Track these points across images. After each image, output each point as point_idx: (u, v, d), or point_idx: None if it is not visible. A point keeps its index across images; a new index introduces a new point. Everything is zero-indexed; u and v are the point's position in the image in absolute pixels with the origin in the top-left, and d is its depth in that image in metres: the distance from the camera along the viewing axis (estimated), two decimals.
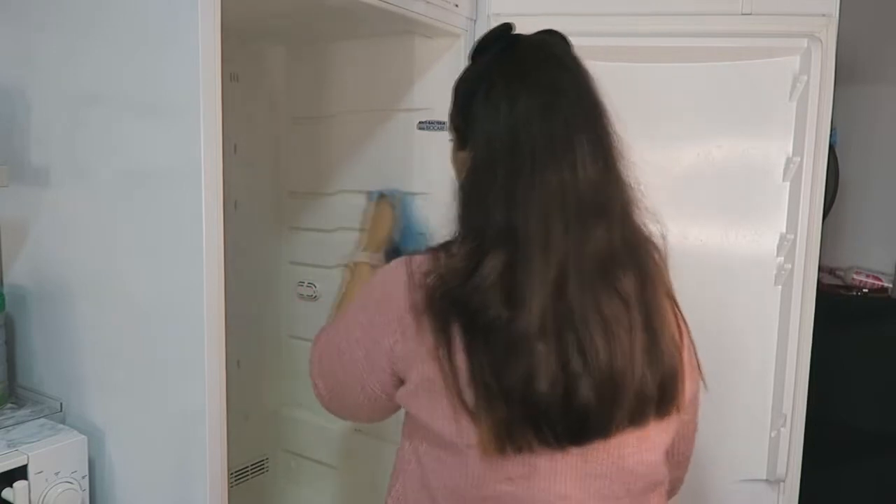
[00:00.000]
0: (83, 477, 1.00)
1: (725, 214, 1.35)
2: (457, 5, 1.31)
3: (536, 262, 0.78)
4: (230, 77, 1.51)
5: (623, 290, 0.81)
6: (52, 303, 1.10)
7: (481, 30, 1.35)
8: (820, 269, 1.38)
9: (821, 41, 1.27)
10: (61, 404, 1.08)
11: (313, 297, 1.66)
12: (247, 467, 1.69)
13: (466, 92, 0.91)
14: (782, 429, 1.33)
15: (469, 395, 0.78)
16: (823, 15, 1.29)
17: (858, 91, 2.04)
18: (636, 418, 0.82)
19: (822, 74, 1.27)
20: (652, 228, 0.89)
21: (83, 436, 1.01)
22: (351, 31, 1.45)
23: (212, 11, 0.86)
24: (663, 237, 0.89)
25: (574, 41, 1.33)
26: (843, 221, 2.09)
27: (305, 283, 1.67)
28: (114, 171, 0.99)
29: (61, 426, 1.04)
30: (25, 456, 0.94)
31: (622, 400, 0.79)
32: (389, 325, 0.84)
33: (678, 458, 1.00)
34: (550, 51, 0.91)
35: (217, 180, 0.89)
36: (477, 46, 0.93)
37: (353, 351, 0.89)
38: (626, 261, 0.83)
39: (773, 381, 1.34)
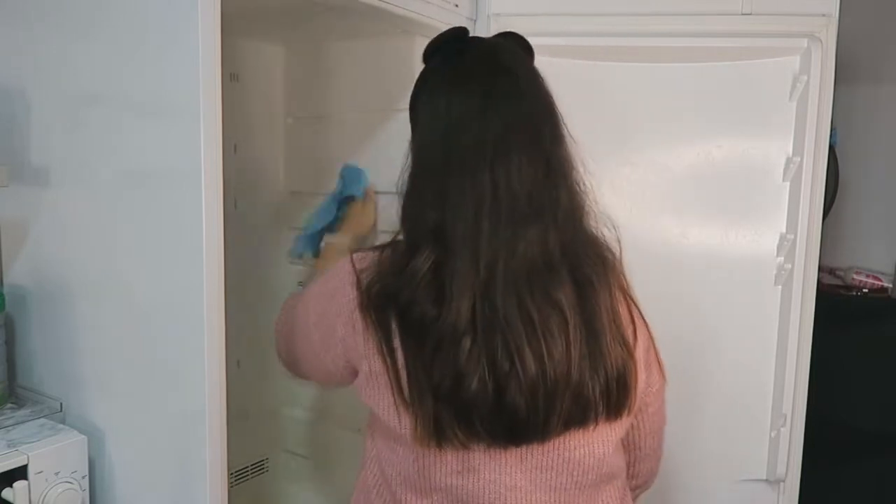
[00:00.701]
0: (83, 477, 1.00)
1: (725, 214, 1.35)
2: (457, 5, 1.31)
3: (464, 262, 0.80)
4: (230, 77, 1.51)
5: (556, 296, 0.81)
6: (52, 303, 1.10)
7: (481, 30, 1.35)
8: (820, 269, 1.38)
9: (821, 41, 1.27)
10: (61, 404, 1.08)
11: None
12: (247, 467, 1.69)
13: (414, 93, 0.94)
14: (782, 429, 1.33)
15: (405, 389, 0.81)
16: (823, 15, 1.29)
17: (858, 91, 2.04)
18: (576, 422, 0.83)
19: (822, 74, 1.27)
20: (606, 233, 0.89)
21: (83, 436, 1.01)
22: (351, 31, 1.45)
23: (212, 11, 0.86)
24: (618, 241, 0.90)
25: (573, 41, 1.34)
26: (843, 221, 2.09)
27: (305, 283, 1.67)
28: (114, 171, 0.99)
29: (61, 426, 1.04)
30: (25, 456, 0.94)
31: (555, 405, 0.80)
32: (340, 317, 0.86)
33: (646, 451, 1.00)
34: (498, 54, 0.92)
35: (217, 180, 0.89)
36: (428, 48, 0.94)
37: (310, 332, 0.92)
38: (563, 266, 0.83)
39: (773, 381, 1.34)
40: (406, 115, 0.96)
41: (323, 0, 1.14)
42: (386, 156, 1.47)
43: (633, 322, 0.90)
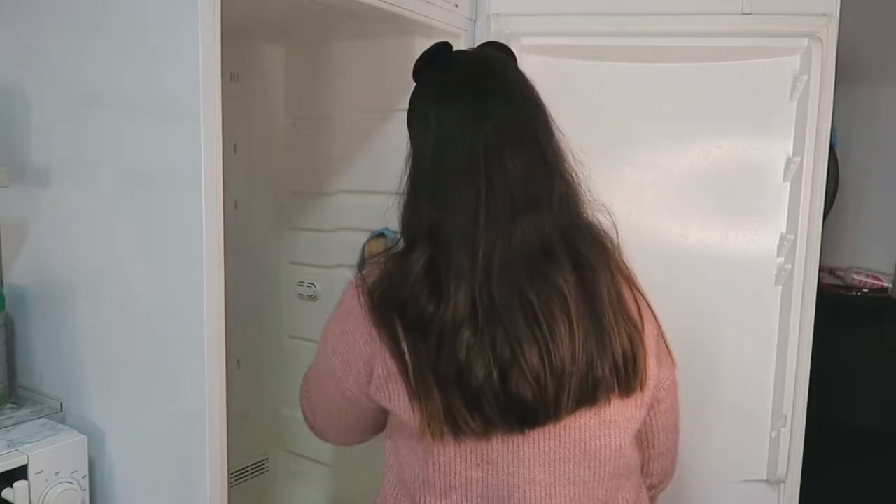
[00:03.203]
0: (83, 477, 1.00)
1: (725, 214, 1.35)
2: (457, 5, 1.31)
3: (459, 256, 0.82)
4: (230, 77, 1.51)
5: (556, 279, 0.83)
6: (52, 303, 1.10)
7: (481, 30, 1.35)
8: (820, 269, 1.37)
9: (821, 41, 1.27)
10: (61, 404, 1.08)
11: (313, 297, 1.66)
12: (247, 467, 1.69)
13: (409, 108, 0.97)
14: (782, 429, 1.33)
15: (413, 386, 0.83)
16: (824, 15, 1.29)
17: (858, 91, 2.04)
18: (588, 399, 0.84)
19: (823, 74, 1.27)
20: (602, 220, 0.92)
21: (83, 436, 1.01)
22: (351, 31, 1.45)
23: (212, 11, 0.86)
24: (614, 226, 0.92)
25: (573, 41, 1.34)
26: (843, 221, 2.09)
27: (305, 283, 1.67)
28: (114, 171, 0.99)
29: (61, 426, 1.04)
30: (25, 456, 0.94)
31: (563, 385, 0.81)
32: (358, 330, 0.88)
33: (660, 449, 1.01)
34: (484, 62, 0.95)
35: (217, 180, 0.89)
36: (417, 65, 0.98)
37: (331, 362, 0.93)
38: (562, 250, 0.85)
39: (773, 382, 1.34)
40: (406, 114, 0.98)
41: (323, 0, 1.14)
42: (386, 156, 1.47)
43: (639, 310, 0.91)
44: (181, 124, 0.89)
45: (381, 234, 1.42)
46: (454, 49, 0.99)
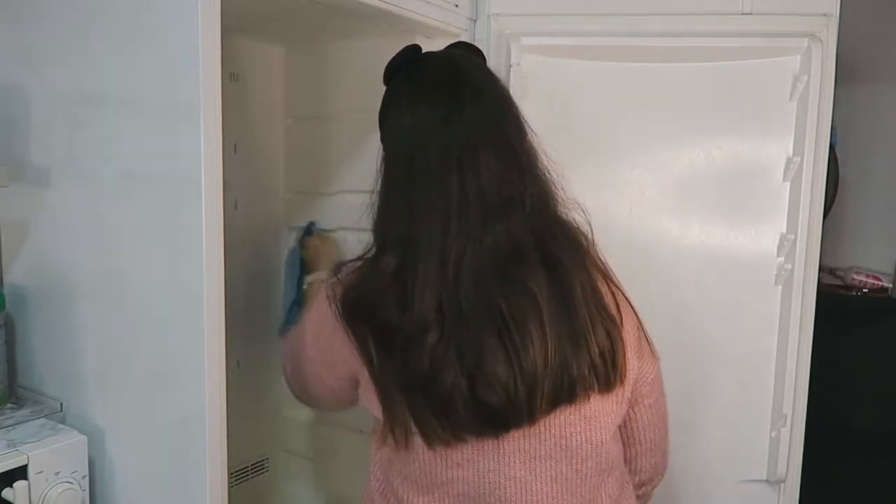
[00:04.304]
0: (83, 477, 1.00)
1: (725, 214, 1.35)
2: (457, 5, 1.31)
3: (427, 264, 0.82)
4: (230, 77, 1.51)
5: (527, 283, 0.83)
6: (52, 303, 1.10)
7: (481, 30, 1.35)
8: (820, 269, 1.37)
9: (821, 41, 1.27)
10: (61, 404, 1.08)
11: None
12: (247, 467, 1.69)
13: (381, 113, 0.97)
14: (782, 429, 1.33)
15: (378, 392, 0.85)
16: (824, 15, 1.29)
17: (858, 91, 2.04)
18: (564, 398, 0.84)
19: (823, 74, 1.27)
20: (577, 218, 0.92)
21: (83, 436, 1.01)
22: (351, 31, 1.45)
23: (212, 11, 0.86)
24: (589, 224, 0.93)
25: (573, 41, 1.34)
26: (843, 221, 2.09)
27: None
28: (114, 171, 0.99)
29: (61, 426, 1.04)
30: (25, 456, 0.94)
31: (535, 389, 0.81)
32: (335, 333, 0.89)
33: (647, 445, 1.01)
34: (454, 65, 0.95)
35: (217, 180, 0.89)
36: (387, 70, 0.98)
37: (312, 356, 0.96)
38: (534, 252, 0.85)
39: (773, 381, 1.34)
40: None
41: (323, 0, 1.14)
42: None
43: (617, 305, 0.91)
44: (181, 124, 0.89)
45: (309, 231, 1.46)
46: (425, 52, 0.98)
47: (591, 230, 0.92)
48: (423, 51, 0.98)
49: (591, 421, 0.86)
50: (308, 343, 0.97)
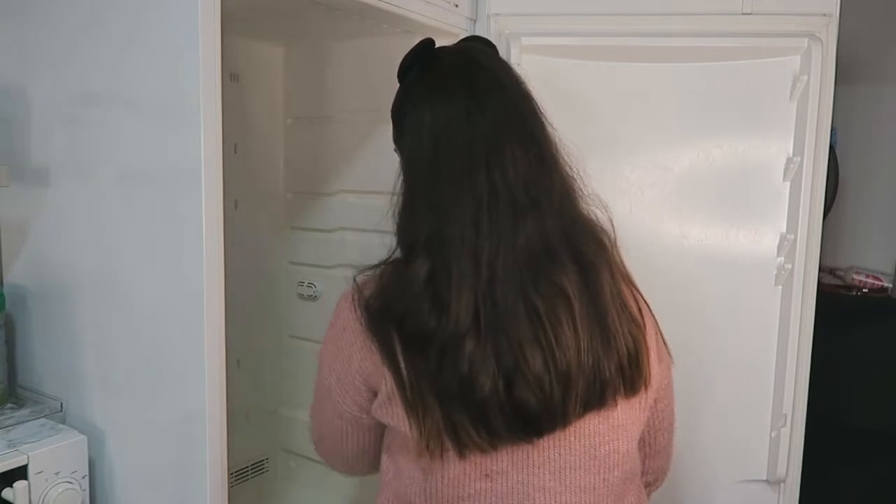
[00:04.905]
0: (83, 477, 1.00)
1: (725, 214, 1.35)
2: (457, 5, 1.31)
3: (461, 265, 0.80)
4: (230, 77, 1.51)
5: (561, 282, 0.81)
6: (52, 303, 1.10)
7: (481, 30, 1.35)
8: (820, 269, 1.37)
9: (821, 41, 1.27)
10: (61, 404, 1.08)
11: (313, 297, 1.66)
12: (247, 467, 1.69)
13: (398, 113, 0.94)
14: (782, 429, 1.33)
15: (410, 402, 0.81)
16: (824, 14, 1.29)
17: (858, 91, 2.04)
18: (595, 402, 0.82)
19: (823, 74, 1.27)
20: (598, 214, 0.90)
21: (83, 436, 1.01)
22: (351, 31, 1.45)
23: (212, 11, 0.86)
24: (611, 221, 0.90)
25: (573, 41, 1.34)
26: (843, 221, 2.09)
27: (305, 283, 1.67)
28: (114, 171, 0.99)
29: (61, 426, 1.04)
30: (25, 456, 0.94)
31: (570, 389, 0.80)
32: (353, 346, 0.86)
33: (657, 448, 1.00)
34: (471, 58, 0.92)
35: (217, 180, 0.89)
36: (401, 67, 0.94)
37: (327, 383, 0.91)
38: (564, 250, 0.83)
39: (773, 381, 1.34)
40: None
41: (323, 0, 1.14)
42: (385, 156, 1.47)
43: (639, 308, 0.90)
44: (181, 124, 0.89)
45: None
46: (439, 46, 0.95)
47: (614, 229, 0.90)
48: (437, 46, 0.96)
49: (618, 430, 0.85)
50: (325, 373, 0.91)
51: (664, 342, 0.95)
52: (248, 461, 1.69)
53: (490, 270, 0.79)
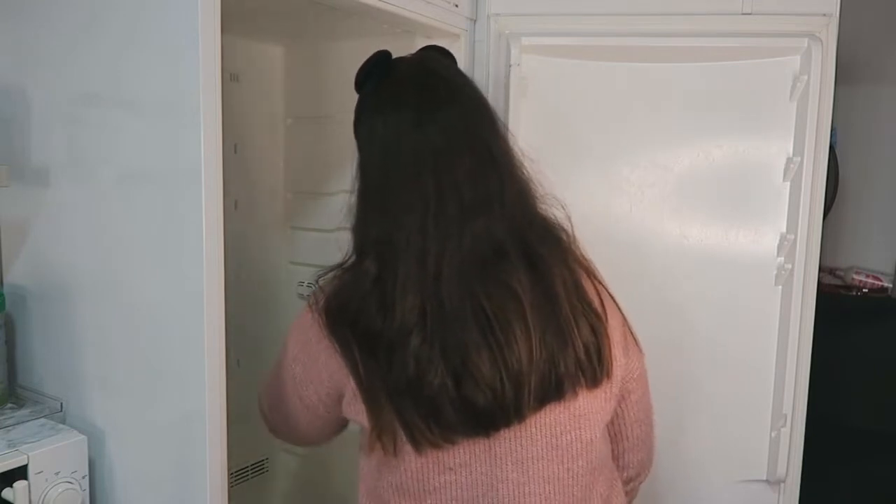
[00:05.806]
0: (83, 477, 1.00)
1: (725, 214, 1.35)
2: (457, 5, 1.31)
3: (407, 265, 0.82)
4: (230, 77, 1.51)
5: (509, 281, 0.83)
6: (52, 303, 1.10)
7: (481, 30, 1.35)
8: (820, 269, 1.38)
9: (821, 41, 1.27)
10: (61, 404, 1.08)
11: None
12: (247, 467, 1.69)
13: (355, 121, 0.97)
14: (782, 429, 1.33)
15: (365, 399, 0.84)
16: (824, 14, 1.29)
17: (858, 91, 2.04)
18: (553, 395, 0.84)
19: (823, 74, 1.27)
20: (556, 213, 0.91)
21: (83, 436, 1.01)
22: (351, 31, 1.45)
23: (212, 11, 0.86)
24: (569, 218, 0.92)
25: (573, 41, 1.34)
26: (843, 221, 2.09)
27: (305, 283, 1.67)
28: (114, 171, 0.99)
29: (61, 426, 1.04)
30: (25, 456, 0.94)
31: (521, 387, 0.81)
32: (321, 343, 0.88)
33: (633, 441, 1.01)
34: (427, 67, 0.95)
35: (217, 180, 0.89)
36: (357, 77, 0.97)
37: (292, 369, 0.94)
38: (516, 250, 0.85)
39: (773, 381, 1.34)
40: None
41: (323, 0, 1.14)
42: None
43: (601, 301, 0.91)
44: (181, 124, 0.89)
45: None
46: (395, 57, 0.98)
47: (571, 225, 0.92)
48: (394, 56, 0.99)
49: (580, 419, 0.86)
50: (290, 359, 0.95)
51: (632, 334, 0.96)
52: (248, 461, 1.69)
53: (436, 271, 0.81)
